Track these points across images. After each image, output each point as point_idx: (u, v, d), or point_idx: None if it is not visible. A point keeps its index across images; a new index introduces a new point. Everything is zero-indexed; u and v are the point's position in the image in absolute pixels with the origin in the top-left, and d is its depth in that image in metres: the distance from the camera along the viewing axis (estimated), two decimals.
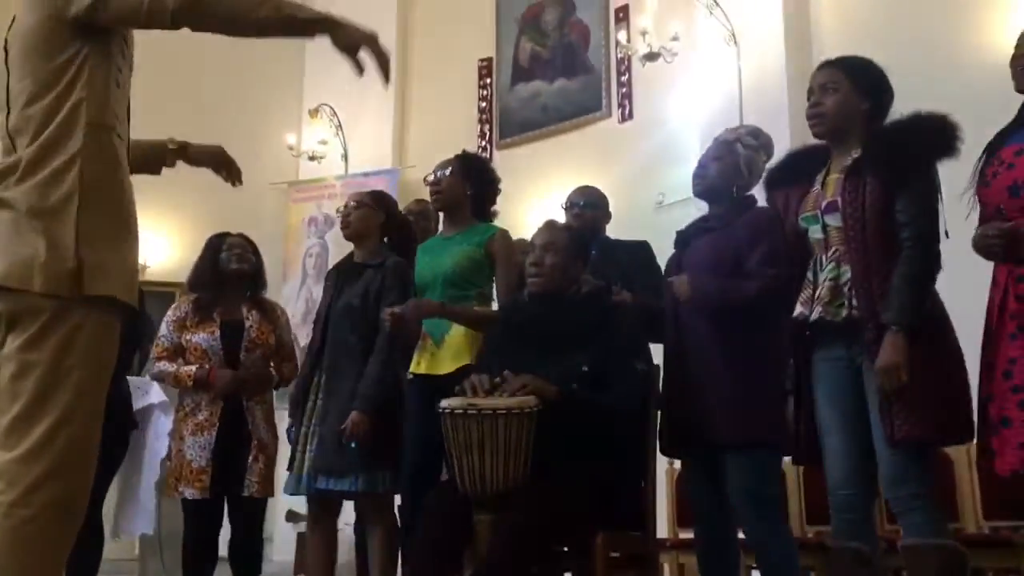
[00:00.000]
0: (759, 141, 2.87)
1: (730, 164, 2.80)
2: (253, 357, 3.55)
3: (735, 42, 5.81)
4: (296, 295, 7.47)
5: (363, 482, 3.02)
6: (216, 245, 3.66)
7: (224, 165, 2.40)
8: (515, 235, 6.76)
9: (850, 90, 2.42)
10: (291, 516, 5.48)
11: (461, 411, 2.46)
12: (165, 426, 3.91)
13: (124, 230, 1.94)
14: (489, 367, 2.67)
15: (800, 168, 2.54)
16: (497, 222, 3.52)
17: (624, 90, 6.84)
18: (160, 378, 3.67)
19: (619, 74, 6.87)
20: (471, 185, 3.31)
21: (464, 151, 3.52)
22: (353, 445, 2.96)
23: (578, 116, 7.08)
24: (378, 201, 3.39)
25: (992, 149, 2.29)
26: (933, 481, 2.28)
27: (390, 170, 7.63)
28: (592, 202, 3.54)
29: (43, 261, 1.79)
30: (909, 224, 2.26)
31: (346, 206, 3.36)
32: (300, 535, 5.04)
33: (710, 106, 5.91)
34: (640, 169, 6.47)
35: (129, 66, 2.05)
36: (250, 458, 3.42)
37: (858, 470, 2.30)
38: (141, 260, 7.72)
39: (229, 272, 3.60)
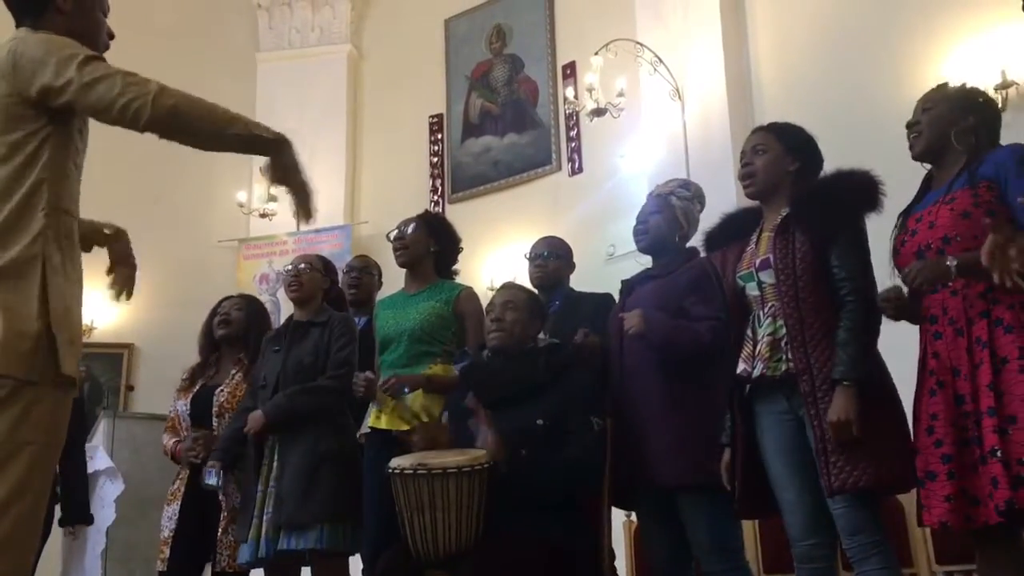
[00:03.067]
0: (691, 192, 2.98)
1: (668, 216, 2.90)
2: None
3: (679, 97, 5.95)
4: None
5: (327, 536, 2.99)
6: (214, 309, 3.65)
7: (123, 279, 2.25)
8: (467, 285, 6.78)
9: (779, 151, 2.51)
10: None
11: (411, 471, 2.44)
12: (112, 493, 3.82)
13: (76, 307, 1.94)
14: (452, 417, 2.67)
15: (736, 228, 2.60)
16: (457, 280, 3.54)
17: (573, 144, 6.95)
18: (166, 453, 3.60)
19: (568, 128, 6.99)
20: (435, 243, 3.33)
21: (427, 211, 3.54)
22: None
23: (529, 170, 7.18)
24: (326, 267, 3.45)
25: (904, 219, 2.37)
26: (882, 528, 2.31)
27: (342, 226, 7.63)
28: (555, 252, 3.56)
29: (2, 341, 1.78)
30: (847, 279, 2.32)
31: (295, 267, 3.35)
32: None
33: (657, 159, 6.03)
34: (590, 221, 6.54)
35: (85, 145, 2.04)
36: (219, 530, 3.30)
37: (817, 520, 2.32)
38: (88, 319, 7.59)
39: (217, 338, 3.57)
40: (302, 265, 3.34)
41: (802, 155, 2.50)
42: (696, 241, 2.87)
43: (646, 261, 3.13)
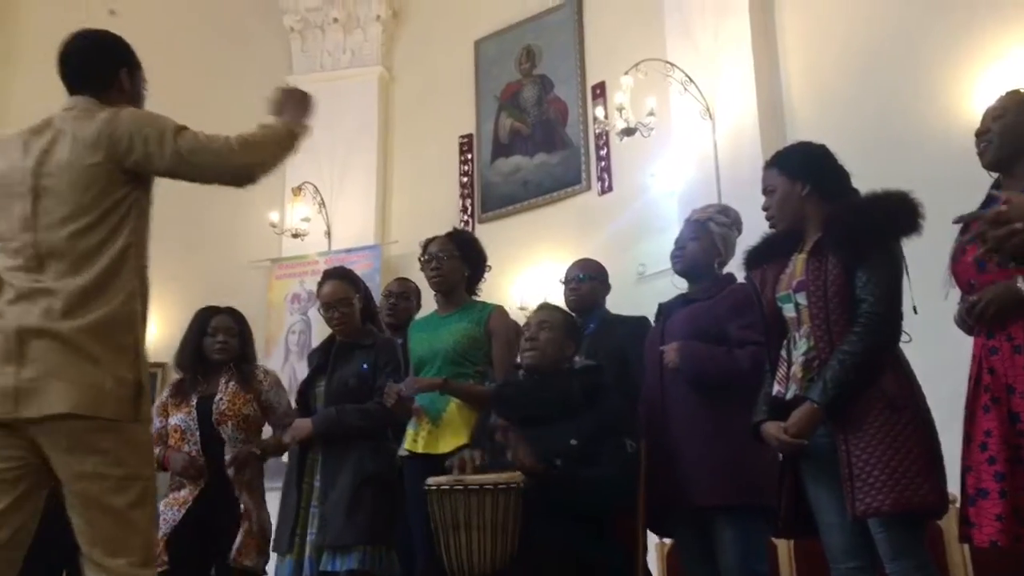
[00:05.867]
0: (730, 218, 2.98)
1: (707, 242, 2.91)
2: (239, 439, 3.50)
3: (710, 116, 5.94)
4: (279, 372, 7.41)
5: (368, 558, 2.99)
6: (202, 325, 3.64)
7: None
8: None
9: (784, 184, 2.51)
10: None
11: (448, 487, 2.44)
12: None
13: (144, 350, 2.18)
14: (481, 443, 2.67)
15: (776, 248, 2.59)
16: (481, 295, 3.54)
17: (603, 163, 6.95)
18: None
19: (598, 148, 6.99)
20: (468, 266, 3.35)
21: (456, 229, 3.54)
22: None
23: (558, 190, 7.18)
24: (355, 285, 3.45)
25: (966, 227, 2.34)
26: (925, 552, 2.27)
27: (372, 246, 7.67)
28: (591, 275, 3.58)
29: (109, 388, 2.01)
30: (864, 302, 2.30)
31: (331, 313, 3.35)
32: None
33: (688, 178, 6.01)
34: (620, 241, 6.53)
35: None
36: (242, 529, 3.33)
37: (857, 542, 2.30)
38: None
39: (212, 360, 3.59)
40: (337, 314, 3.34)
41: (809, 175, 2.48)
42: (736, 261, 2.86)
43: (680, 281, 3.13)
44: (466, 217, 7.61)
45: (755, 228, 2.83)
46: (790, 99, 5.88)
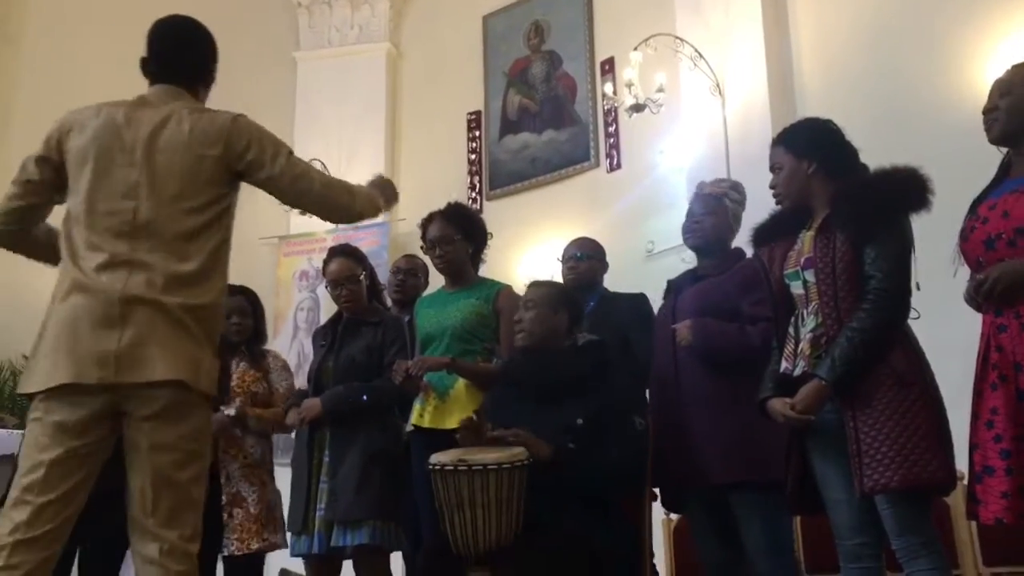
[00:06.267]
0: (741, 195, 2.97)
1: (722, 218, 2.91)
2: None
3: (720, 92, 5.89)
4: (288, 349, 7.44)
5: (378, 533, 3.01)
6: None
7: None
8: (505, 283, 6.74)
9: (791, 161, 2.49)
10: (284, 574, 5.40)
11: (451, 467, 2.44)
12: None
13: None
14: (493, 420, 2.67)
15: (783, 225, 2.57)
16: (488, 273, 3.53)
17: (612, 140, 6.91)
18: None
19: (607, 125, 6.95)
20: (471, 243, 3.33)
21: (451, 205, 3.47)
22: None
23: (567, 167, 7.15)
24: (361, 262, 3.44)
25: (974, 205, 2.32)
26: (931, 528, 2.27)
27: (380, 223, 7.65)
28: (588, 253, 3.58)
29: (206, 367, 2.13)
30: (872, 278, 2.29)
31: (339, 290, 3.35)
32: None
33: (697, 155, 5.98)
34: (629, 218, 6.51)
35: None
36: (225, 515, 3.35)
37: (864, 519, 2.30)
38: None
39: (227, 341, 3.60)
40: (345, 291, 3.34)
41: (815, 152, 2.45)
42: (742, 237, 2.85)
43: (689, 257, 3.11)
44: (474, 194, 7.59)
45: (764, 204, 2.82)
46: (800, 75, 5.83)
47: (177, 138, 2.18)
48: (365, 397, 3.14)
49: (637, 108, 5.92)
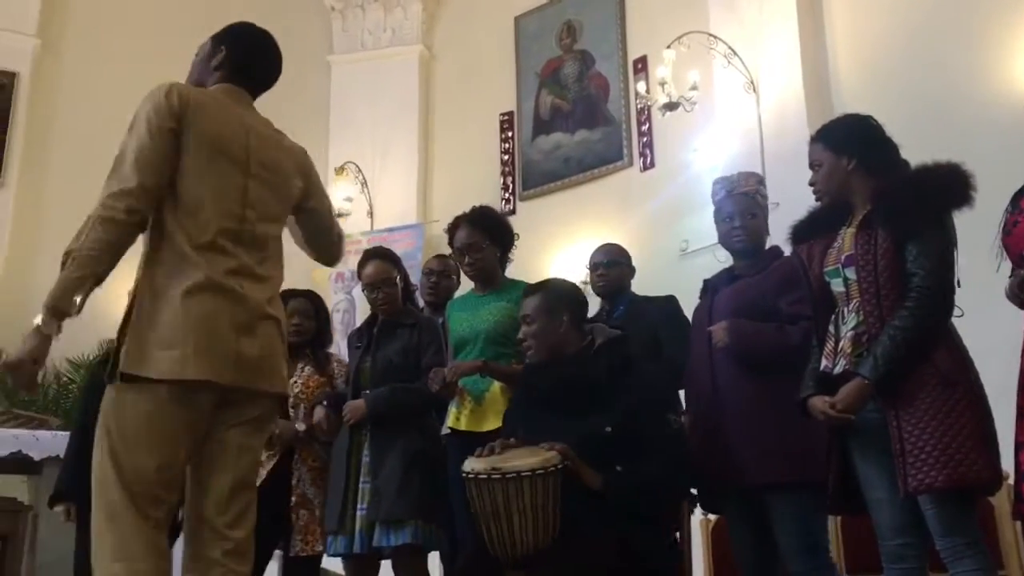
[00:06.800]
0: (766, 188, 2.94)
1: (762, 219, 2.88)
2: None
3: (754, 89, 5.85)
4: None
5: (420, 533, 3.03)
6: None
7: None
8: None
9: (830, 158, 2.45)
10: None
11: (485, 476, 2.38)
12: None
13: None
14: (513, 431, 2.61)
15: (822, 222, 2.54)
16: (522, 273, 3.53)
17: (645, 139, 6.88)
18: None
19: (640, 124, 6.92)
20: (499, 247, 3.33)
21: (480, 209, 3.42)
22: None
23: (600, 166, 7.14)
24: (396, 265, 3.43)
25: (1015, 198, 2.28)
26: (976, 528, 2.23)
27: (415, 225, 7.70)
28: (615, 260, 3.58)
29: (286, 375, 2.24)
30: (915, 276, 2.25)
31: (376, 294, 3.36)
32: None
33: (732, 153, 5.94)
34: (663, 217, 6.49)
35: None
36: (293, 515, 3.38)
37: (907, 519, 2.26)
38: None
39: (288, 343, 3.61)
40: (381, 294, 3.35)
41: (855, 149, 2.41)
42: (776, 234, 2.82)
43: (724, 256, 3.09)
44: (507, 195, 7.60)
45: (801, 202, 2.79)
46: (836, 71, 5.77)
47: (279, 160, 2.21)
48: (408, 401, 3.16)
49: (670, 106, 5.89)
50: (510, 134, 7.75)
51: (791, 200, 5.24)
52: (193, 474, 2.07)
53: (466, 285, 3.70)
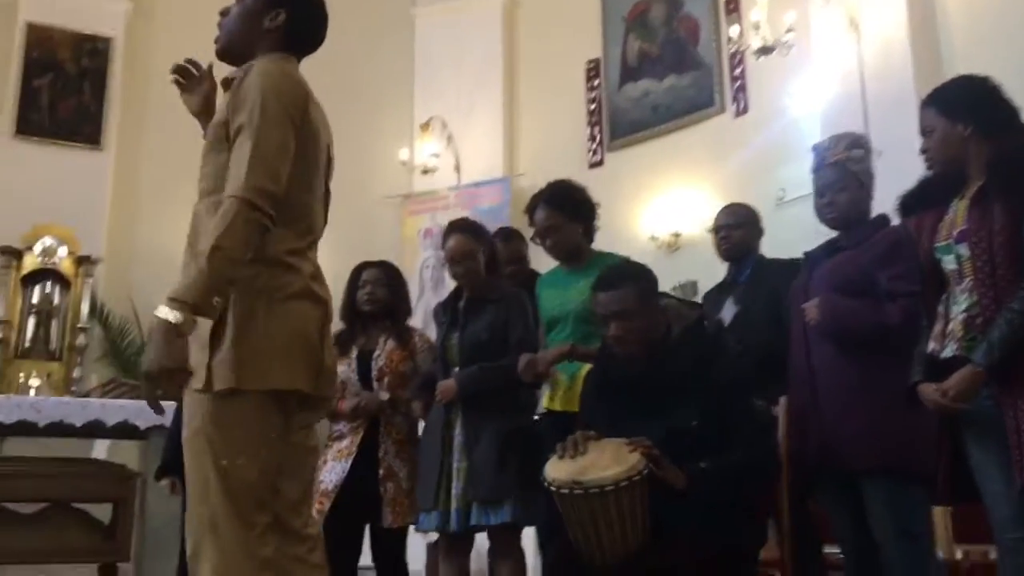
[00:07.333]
0: (864, 149, 2.76)
1: (854, 189, 2.71)
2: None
3: (855, 29, 5.53)
4: (414, 306, 7.54)
5: (520, 512, 3.03)
6: (354, 279, 3.71)
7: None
8: (628, 237, 6.62)
9: (945, 125, 2.28)
10: None
11: (567, 491, 2.29)
12: None
13: None
14: (591, 417, 2.52)
15: (934, 192, 2.37)
16: (612, 228, 3.45)
17: (738, 84, 6.61)
18: None
19: (732, 67, 6.65)
20: (580, 223, 3.24)
21: (556, 184, 3.33)
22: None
23: (690, 113, 6.89)
24: (477, 237, 3.38)
25: None
26: None
27: (501, 179, 7.63)
28: (739, 221, 3.45)
29: None
30: None
31: (455, 269, 3.34)
32: (429, 545, 5.00)
33: (831, 97, 5.65)
34: (758, 165, 6.25)
35: None
36: (381, 487, 3.40)
37: None
38: None
39: (362, 312, 3.64)
40: (461, 269, 3.31)
41: (971, 115, 2.23)
42: (880, 198, 2.66)
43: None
44: (594, 146, 7.44)
45: (906, 148, 2.62)
46: (944, 7, 5.40)
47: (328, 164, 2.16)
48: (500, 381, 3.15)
49: (765, 51, 5.64)
50: (596, 82, 7.56)
51: (897, 149, 4.98)
52: None
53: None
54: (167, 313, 1.74)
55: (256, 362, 1.86)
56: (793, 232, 3.80)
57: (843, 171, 2.72)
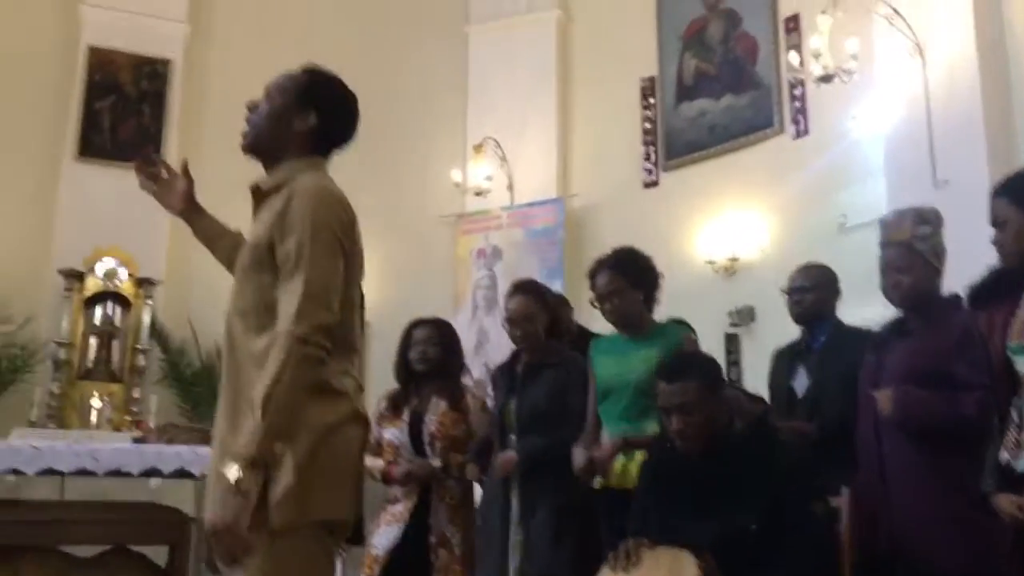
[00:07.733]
0: (931, 225, 2.61)
1: (918, 271, 2.57)
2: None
3: (920, 53, 5.36)
4: (467, 328, 7.53)
5: None
6: (406, 339, 3.64)
7: None
8: (684, 259, 6.44)
9: (1019, 216, 2.19)
10: None
11: None
12: None
13: None
14: (644, 524, 2.43)
15: (1006, 284, 2.25)
16: (665, 248, 3.36)
17: (798, 104, 6.47)
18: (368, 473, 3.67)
19: (792, 87, 6.51)
20: (642, 290, 3.17)
21: (620, 251, 3.24)
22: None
23: (748, 134, 6.76)
24: (542, 302, 3.32)
25: None
26: None
27: (555, 199, 7.58)
28: (815, 284, 3.30)
29: None
30: None
31: (513, 332, 3.29)
32: None
33: (895, 121, 5.49)
34: (818, 189, 6.12)
35: None
36: (432, 555, 3.36)
37: None
38: None
39: (415, 371, 3.60)
40: (520, 331, 3.27)
41: None
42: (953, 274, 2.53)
43: None
44: (649, 165, 7.35)
45: (973, 180, 2.48)
46: (1013, 30, 5.20)
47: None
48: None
49: (826, 79, 5.48)
50: (652, 101, 7.46)
51: (961, 172, 4.80)
52: None
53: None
54: (228, 469, 1.71)
55: (307, 496, 1.80)
56: (855, 261, 3.63)
57: (908, 251, 2.60)
